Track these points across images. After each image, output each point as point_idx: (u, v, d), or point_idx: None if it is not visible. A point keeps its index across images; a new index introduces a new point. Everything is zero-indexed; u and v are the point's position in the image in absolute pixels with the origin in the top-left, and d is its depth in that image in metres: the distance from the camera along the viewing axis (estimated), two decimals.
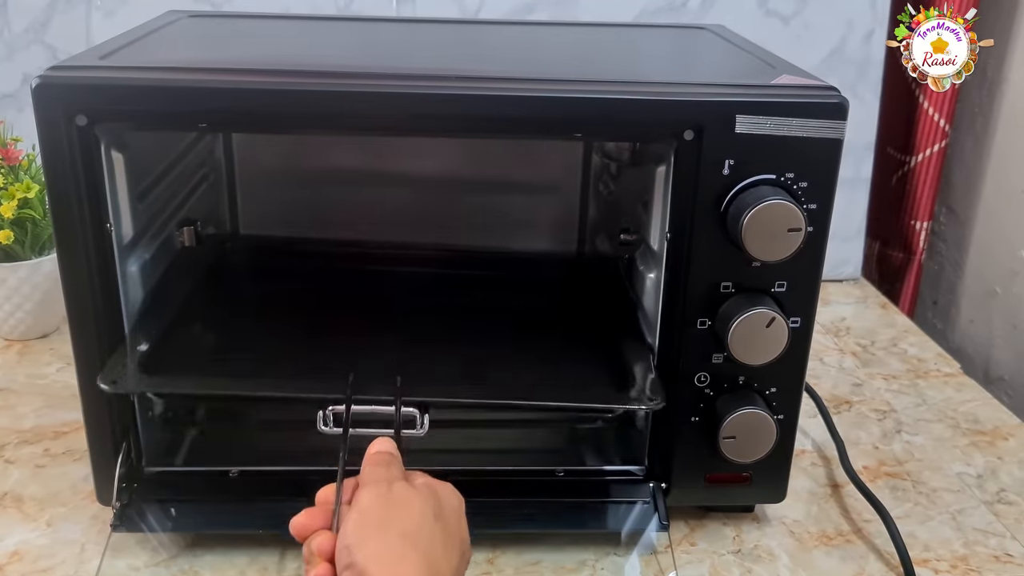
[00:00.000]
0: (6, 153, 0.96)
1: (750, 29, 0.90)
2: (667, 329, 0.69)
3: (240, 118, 0.68)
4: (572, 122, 0.66)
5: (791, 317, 0.65)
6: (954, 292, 1.27)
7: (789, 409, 0.70)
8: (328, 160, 0.95)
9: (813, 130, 0.63)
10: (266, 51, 0.81)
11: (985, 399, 0.96)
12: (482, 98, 0.63)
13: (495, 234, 0.96)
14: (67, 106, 0.61)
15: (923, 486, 0.81)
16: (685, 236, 0.66)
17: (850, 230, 1.20)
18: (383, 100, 0.63)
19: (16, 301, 0.97)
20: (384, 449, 0.59)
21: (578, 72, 0.74)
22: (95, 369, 0.66)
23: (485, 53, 0.86)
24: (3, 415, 0.86)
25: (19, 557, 0.69)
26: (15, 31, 1.09)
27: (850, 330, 1.10)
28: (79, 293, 0.65)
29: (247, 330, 0.80)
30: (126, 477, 0.68)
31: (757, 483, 0.72)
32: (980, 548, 0.74)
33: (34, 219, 0.93)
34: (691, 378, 0.69)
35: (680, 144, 0.64)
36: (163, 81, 0.63)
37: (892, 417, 0.92)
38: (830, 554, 0.73)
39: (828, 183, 0.64)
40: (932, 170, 1.20)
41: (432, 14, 1.10)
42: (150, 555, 0.69)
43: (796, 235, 0.63)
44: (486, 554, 0.70)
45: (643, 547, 0.72)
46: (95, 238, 0.64)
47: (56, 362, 0.95)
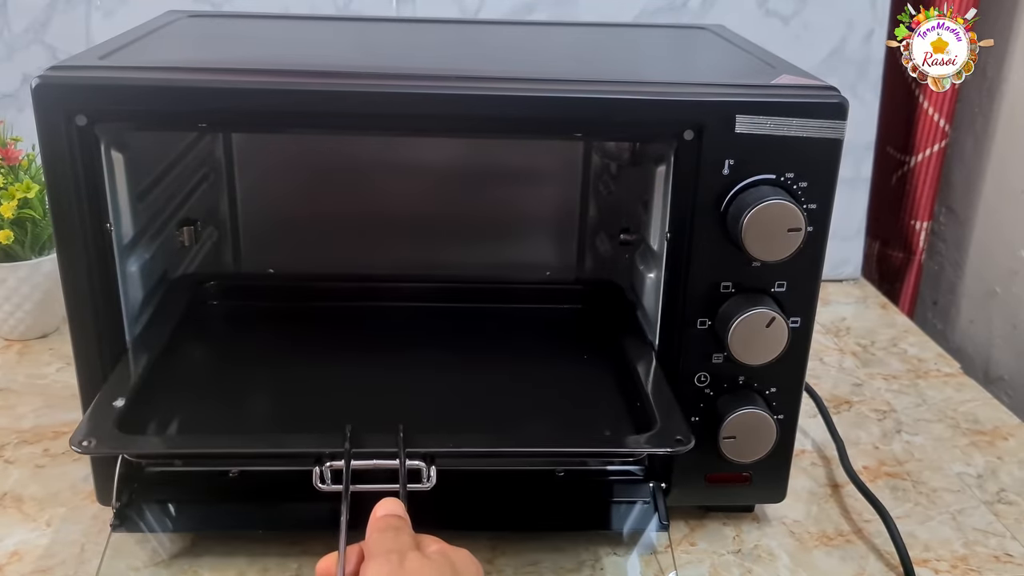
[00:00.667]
0: (6, 153, 0.96)
1: (750, 29, 0.90)
2: (667, 329, 0.69)
3: (240, 118, 0.68)
4: (572, 122, 0.66)
5: (791, 317, 0.65)
6: (954, 292, 1.27)
7: (789, 409, 0.70)
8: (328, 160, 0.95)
9: (813, 130, 0.63)
10: (266, 51, 0.81)
11: (985, 399, 0.96)
12: (482, 98, 0.63)
13: (494, 236, 0.96)
14: (67, 106, 0.61)
15: (923, 486, 0.81)
16: (685, 236, 0.66)
17: (850, 230, 1.20)
18: (383, 100, 0.63)
19: (16, 301, 0.97)
20: (391, 512, 0.53)
21: (578, 72, 0.74)
22: (95, 369, 0.66)
23: (485, 53, 0.86)
24: (3, 415, 0.86)
25: (19, 557, 0.69)
26: (15, 31, 1.09)
27: (850, 330, 1.10)
28: (79, 293, 0.65)
29: (234, 375, 0.75)
30: (126, 477, 0.68)
31: (757, 483, 0.72)
32: (980, 548, 0.74)
33: (34, 219, 0.93)
34: (691, 378, 0.69)
35: (680, 144, 0.64)
36: (163, 81, 0.63)
37: (892, 417, 0.92)
38: (830, 554, 0.73)
39: (828, 183, 0.64)
40: (932, 170, 1.20)
41: (432, 14, 1.10)
42: (150, 555, 0.69)
43: (796, 235, 0.63)
44: (486, 554, 0.70)
45: (643, 547, 0.72)
46: (95, 238, 0.64)
47: (56, 362, 0.95)
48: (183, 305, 0.79)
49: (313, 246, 0.96)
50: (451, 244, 0.96)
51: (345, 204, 0.95)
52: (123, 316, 0.68)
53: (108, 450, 0.62)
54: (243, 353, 0.78)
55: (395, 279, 0.87)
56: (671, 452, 0.61)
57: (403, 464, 0.59)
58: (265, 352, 0.78)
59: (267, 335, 0.81)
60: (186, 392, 0.70)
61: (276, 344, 0.79)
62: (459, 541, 0.54)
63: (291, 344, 0.79)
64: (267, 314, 0.84)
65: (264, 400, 0.72)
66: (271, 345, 0.79)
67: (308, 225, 0.96)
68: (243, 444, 0.64)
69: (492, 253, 0.96)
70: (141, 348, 0.70)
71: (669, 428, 0.62)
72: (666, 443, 0.61)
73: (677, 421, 0.63)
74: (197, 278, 0.85)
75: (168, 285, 0.80)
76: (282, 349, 0.78)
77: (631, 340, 0.74)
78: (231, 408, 0.70)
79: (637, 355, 0.72)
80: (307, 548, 0.69)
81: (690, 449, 0.60)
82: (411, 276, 0.88)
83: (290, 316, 0.84)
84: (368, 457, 0.60)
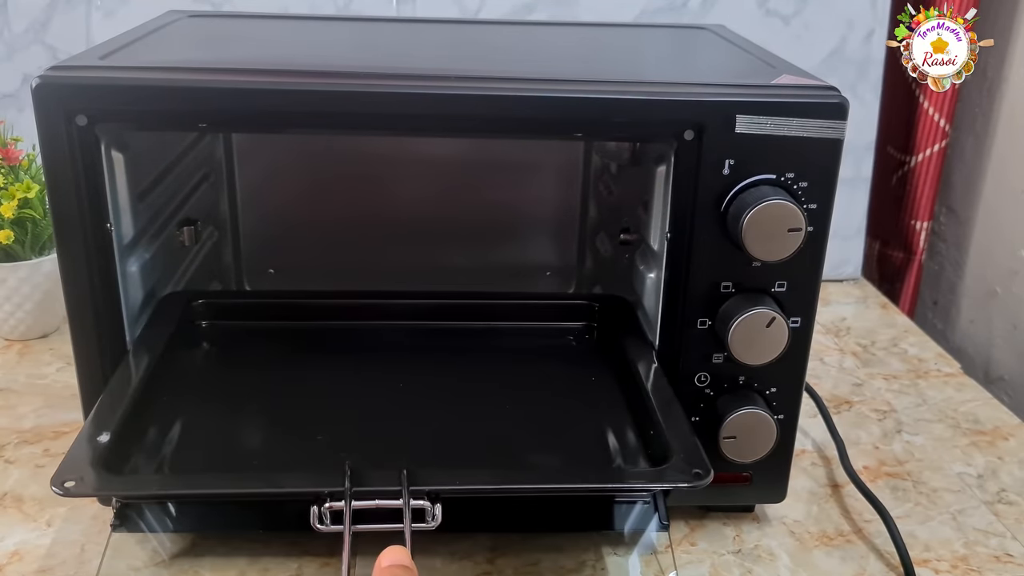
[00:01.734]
0: (6, 153, 0.96)
1: (750, 29, 0.90)
2: (667, 329, 0.69)
3: (240, 118, 0.68)
4: (572, 122, 0.66)
5: (791, 317, 0.65)
6: (954, 292, 1.27)
7: (789, 409, 0.70)
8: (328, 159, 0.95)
9: (813, 130, 0.63)
10: (266, 51, 0.81)
11: (985, 399, 0.96)
12: (482, 98, 0.63)
13: (494, 235, 0.96)
14: (67, 106, 0.61)
15: (923, 486, 0.81)
16: (685, 236, 0.66)
17: (850, 230, 1.20)
18: (383, 100, 0.63)
19: (16, 301, 0.97)
20: (397, 562, 0.51)
21: (578, 72, 0.74)
22: (95, 369, 0.66)
23: (485, 53, 0.86)
24: (3, 415, 0.86)
25: (19, 557, 0.69)
26: (15, 31, 1.09)
27: (850, 330, 1.10)
28: (79, 293, 0.65)
29: (224, 407, 0.70)
30: None
31: (757, 483, 0.72)
32: (980, 548, 0.74)
33: (34, 219, 0.93)
34: (691, 378, 0.69)
35: (680, 144, 0.64)
36: (163, 81, 0.63)
37: (892, 417, 0.92)
38: (830, 554, 0.73)
39: (828, 183, 0.64)
40: (932, 170, 1.20)
41: (432, 14, 1.10)
42: (150, 555, 0.69)
43: (796, 235, 0.63)
44: (486, 554, 0.70)
45: (643, 547, 0.72)
46: (95, 238, 0.64)
47: (56, 362, 0.95)
48: (172, 326, 0.75)
49: (313, 246, 0.96)
50: (451, 243, 0.96)
51: (345, 203, 0.95)
52: (123, 316, 0.68)
53: (92, 492, 0.58)
54: (235, 378, 0.74)
55: (393, 296, 0.84)
56: (690, 487, 0.57)
57: (407, 504, 0.55)
58: (258, 377, 0.74)
59: (260, 358, 0.77)
60: (176, 422, 0.67)
61: (270, 368, 0.75)
62: (460, 541, 0.53)
63: (285, 367, 0.75)
64: (260, 334, 0.81)
65: (258, 429, 0.68)
66: (264, 369, 0.75)
67: (308, 224, 0.96)
68: (235, 484, 0.60)
69: (491, 252, 0.96)
70: (128, 374, 0.67)
71: (687, 460, 0.59)
72: (685, 477, 0.58)
73: (694, 451, 0.59)
74: (187, 296, 0.81)
75: (157, 304, 0.76)
76: (276, 373, 0.74)
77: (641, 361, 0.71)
78: (224, 437, 0.67)
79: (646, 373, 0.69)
80: (308, 548, 0.69)
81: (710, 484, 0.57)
82: (410, 293, 0.84)
83: (284, 337, 0.80)
84: (370, 497, 0.56)
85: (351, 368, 0.76)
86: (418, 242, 0.95)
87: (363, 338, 0.81)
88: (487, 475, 0.61)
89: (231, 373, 0.76)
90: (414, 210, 0.95)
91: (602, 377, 0.74)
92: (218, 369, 0.77)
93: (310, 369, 0.75)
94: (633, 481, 0.63)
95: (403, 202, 0.95)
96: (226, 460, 0.65)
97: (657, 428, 0.63)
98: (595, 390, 0.73)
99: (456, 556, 0.69)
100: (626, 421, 0.68)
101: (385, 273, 0.94)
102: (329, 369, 0.76)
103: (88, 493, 0.57)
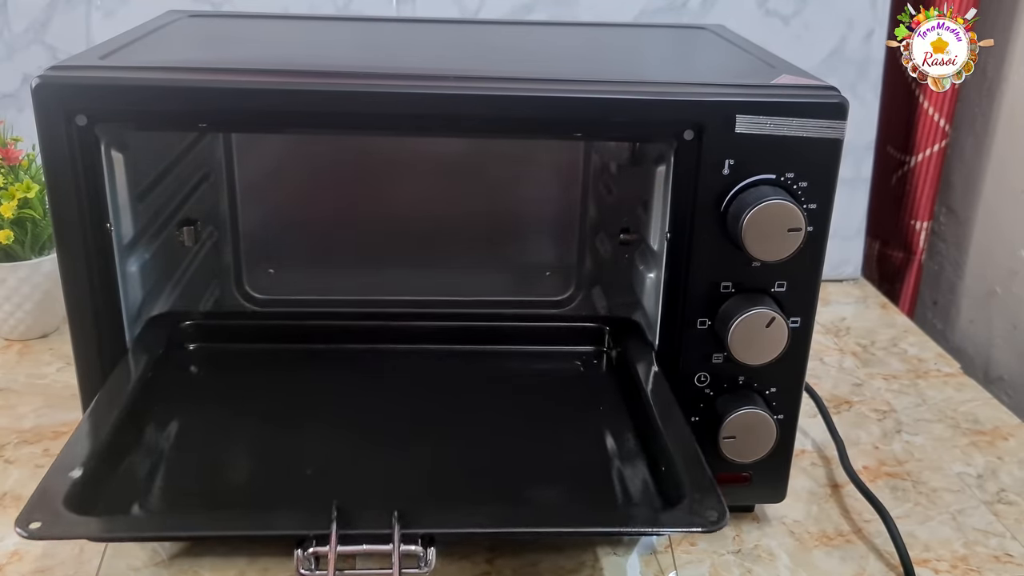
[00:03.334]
0: (6, 153, 0.96)
1: (750, 29, 0.90)
2: (667, 329, 0.69)
3: (240, 118, 0.68)
4: (572, 122, 0.66)
5: (791, 317, 0.65)
6: (954, 292, 1.27)
7: (789, 409, 0.70)
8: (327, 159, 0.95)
9: (813, 130, 0.63)
10: (266, 51, 0.81)
11: (985, 399, 0.96)
12: (482, 98, 0.63)
13: (493, 235, 0.96)
14: (67, 106, 0.61)
15: (923, 486, 0.81)
16: (685, 236, 0.66)
17: (850, 230, 1.20)
18: (383, 100, 0.63)
19: (16, 301, 0.97)
20: None
21: (578, 72, 0.74)
22: (95, 369, 0.66)
23: (485, 53, 0.86)
24: (3, 415, 0.86)
25: (19, 557, 0.69)
26: (15, 31, 1.09)
27: (850, 330, 1.10)
28: (79, 293, 0.65)
29: (208, 436, 0.67)
30: None
31: (757, 483, 0.72)
32: (980, 548, 0.74)
33: (34, 219, 0.93)
34: (691, 378, 0.69)
35: (680, 144, 0.64)
36: (163, 81, 0.63)
37: (892, 417, 0.92)
38: (830, 554, 0.73)
39: (828, 183, 0.64)
40: (932, 170, 1.20)
41: (432, 14, 1.10)
42: (150, 555, 0.69)
43: (796, 235, 0.63)
44: (485, 555, 0.70)
45: (643, 547, 0.72)
46: (95, 238, 0.64)
47: (56, 362, 0.95)
48: (157, 351, 0.71)
49: (313, 246, 0.96)
50: (451, 243, 0.96)
51: (344, 203, 0.95)
52: (123, 316, 0.68)
53: (60, 534, 0.53)
54: (222, 405, 0.71)
55: (392, 317, 0.81)
56: (706, 531, 0.54)
57: (397, 549, 0.52)
58: (247, 404, 0.71)
59: (249, 383, 0.74)
60: (159, 451, 0.64)
61: (259, 395, 0.72)
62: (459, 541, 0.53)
63: (276, 394, 0.72)
64: (249, 357, 0.77)
65: (245, 460, 0.66)
66: (253, 396, 0.72)
67: (308, 224, 0.96)
68: (214, 526, 0.56)
69: (491, 252, 0.96)
70: (108, 401, 0.64)
71: (701, 501, 0.55)
72: (699, 520, 0.53)
73: (708, 490, 0.55)
74: (173, 318, 0.77)
75: (144, 325, 0.73)
76: (266, 400, 0.71)
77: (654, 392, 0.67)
78: (207, 471, 0.64)
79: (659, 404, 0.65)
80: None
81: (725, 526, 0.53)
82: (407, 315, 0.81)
83: (276, 360, 0.77)
84: (358, 541, 0.52)
85: (346, 394, 0.73)
86: (418, 242, 0.95)
87: (359, 363, 0.77)
88: (485, 517, 0.56)
89: (217, 399, 0.72)
90: (414, 210, 0.95)
91: (611, 405, 0.71)
92: (204, 394, 0.73)
93: (303, 395, 0.72)
94: (643, 525, 0.59)
95: (403, 202, 0.95)
96: (209, 495, 0.62)
97: (669, 463, 0.59)
98: (604, 420, 0.70)
99: (455, 556, 0.69)
100: (638, 454, 0.64)
101: (385, 273, 0.94)
102: (322, 395, 0.73)
103: (55, 536, 0.53)
